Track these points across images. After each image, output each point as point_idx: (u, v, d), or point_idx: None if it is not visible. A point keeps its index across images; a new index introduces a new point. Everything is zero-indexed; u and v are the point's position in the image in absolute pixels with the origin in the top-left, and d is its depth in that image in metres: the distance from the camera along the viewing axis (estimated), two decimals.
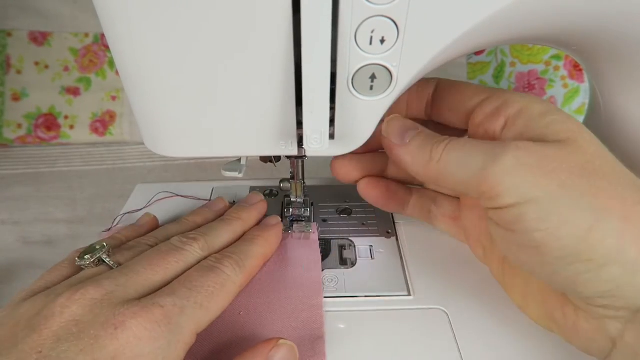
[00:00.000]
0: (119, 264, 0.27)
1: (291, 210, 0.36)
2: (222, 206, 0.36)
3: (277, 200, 0.39)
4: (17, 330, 0.22)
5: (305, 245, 0.34)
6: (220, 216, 0.34)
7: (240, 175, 0.30)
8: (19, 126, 0.55)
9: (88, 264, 0.27)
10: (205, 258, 0.28)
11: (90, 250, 0.27)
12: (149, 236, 0.31)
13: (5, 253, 0.42)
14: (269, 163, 0.33)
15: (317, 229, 0.35)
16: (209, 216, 0.34)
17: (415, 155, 0.26)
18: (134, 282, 0.25)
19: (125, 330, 0.22)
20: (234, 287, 0.27)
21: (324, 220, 0.37)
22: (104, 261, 0.27)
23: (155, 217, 0.35)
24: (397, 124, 0.27)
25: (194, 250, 0.28)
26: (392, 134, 0.27)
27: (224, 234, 0.31)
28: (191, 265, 0.28)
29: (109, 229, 0.36)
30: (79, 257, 0.27)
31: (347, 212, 0.38)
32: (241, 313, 0.29)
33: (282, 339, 0.24)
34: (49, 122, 0.56)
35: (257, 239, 0.31)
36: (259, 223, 0.34)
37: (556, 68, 0.58)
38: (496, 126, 0.25)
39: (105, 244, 0.27)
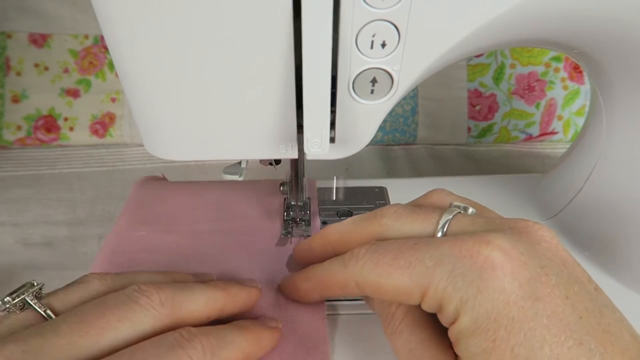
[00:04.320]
0: (55, 311, 0.21)
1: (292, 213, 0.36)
2: (208, 278, 0.29)
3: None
4: None
5: None
6: None
7: (241, 178, 0.30)
8: (19, 128, 0.55)
9: (9, 308, 0.21)
10: (169, 327, 0.22)
11: (19, 289, 0.22)
12: (106, 275, 0.24)
13: (5, 255, 0.42)
14: (269, 166, 0.33)
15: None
16: (191, 279, 0.28)
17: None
18: (50, 346, 0.19)
19: None
20: None
21: (324, 223, 0.37)
22: (30, 305, 0.21)
23: None
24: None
25: (150, 307, 0.21)
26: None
27: (199, 298, 0.23)
28: (144, 332, 0.21)
29: None
30: (1, 301, 0.21)
31: (348, 214, 0.38)
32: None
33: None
34: (49, 123, 0.56)
35: (247, 332, 0.24)
36: (243, 315, 0.27)
37: (556, 70, 0.57)
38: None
39: (35, 282, 0.22)
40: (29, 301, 0.21)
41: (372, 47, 0.22)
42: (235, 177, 0.30)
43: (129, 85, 0.25)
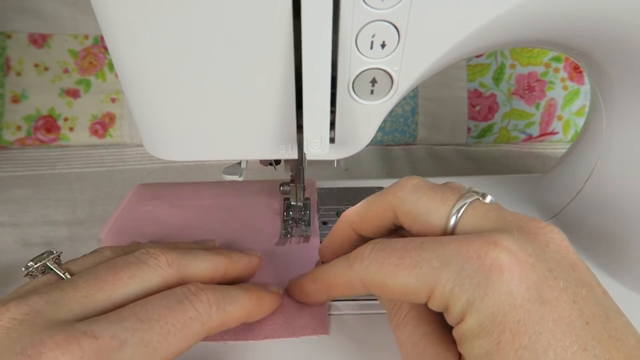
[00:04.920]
0: (72, 274, 0.23)
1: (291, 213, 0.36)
2: (211, 244, 0.32)
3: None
4: None
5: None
6: None
7: (241, 179, 0.30)
8: (19, 128, 0.55)
9: (32, 272, 0.23)
10: (175, 285, 0.24)
11: (39, 256, 0.24)
12: (117, 247, 0.27)
13: (5, 255, 0.42)
14: (269, 166, 0.33)
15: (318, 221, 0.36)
16: (194, 247, 0.31)
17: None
18: (69, 298, 0.21)
19: None
20: (201, 331, 0.22)
21: (324, 223, 0.37)
22: (51, 269, 0.23)
23: None
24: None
25: (158, 266, 0.24)
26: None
27: (202, 262, 0.26)
28: (152, 288, 0.23)
29: None
30: (25, 267, 0.23)
31: None
32: None
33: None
34: (49, 124, 0.56)
35: (250, 292, 0.26)
36: (245, 281, 0.30)
37: (556, 70, 0.57)
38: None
39: (54, 250, 0.24)
40: (50, 265, 0.24)
41: (372, 48, 0.22)
42: (235, 178, 0.30)
43: (129, 86, 0.25)
